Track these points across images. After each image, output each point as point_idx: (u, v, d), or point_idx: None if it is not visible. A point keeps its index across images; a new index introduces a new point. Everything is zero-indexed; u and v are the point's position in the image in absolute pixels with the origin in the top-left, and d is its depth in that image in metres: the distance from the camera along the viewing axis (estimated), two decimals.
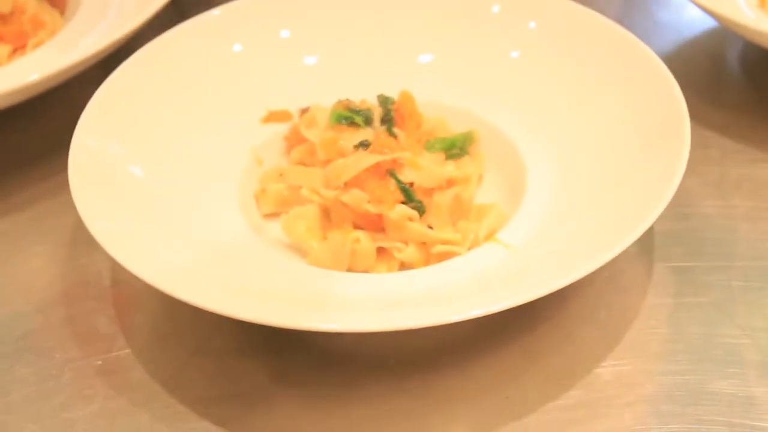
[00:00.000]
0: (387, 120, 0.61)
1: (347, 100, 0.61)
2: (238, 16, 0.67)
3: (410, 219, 0.56)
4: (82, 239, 0.61)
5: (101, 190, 0.56)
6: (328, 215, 0.58)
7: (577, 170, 0.58)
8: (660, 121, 0.57)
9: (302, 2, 0.68)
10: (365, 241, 0.56)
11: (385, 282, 0.54)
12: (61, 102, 0.72)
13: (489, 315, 0.48)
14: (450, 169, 0.59)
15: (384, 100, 0.62)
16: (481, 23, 0.66)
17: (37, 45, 0.73)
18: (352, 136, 0.59)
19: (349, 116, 0.60)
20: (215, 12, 0.68)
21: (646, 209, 0.51)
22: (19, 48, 0.73)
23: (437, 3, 0.67)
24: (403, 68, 0.65)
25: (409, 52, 0.66)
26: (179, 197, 0.58)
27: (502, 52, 0.65)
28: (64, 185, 0.60)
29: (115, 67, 0.64)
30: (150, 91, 0.63)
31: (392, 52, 0.66)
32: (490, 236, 0.56)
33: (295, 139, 0.63)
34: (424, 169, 0.58)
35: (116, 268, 0.59)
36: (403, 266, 0.56)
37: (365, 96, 0.62)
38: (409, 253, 0.56)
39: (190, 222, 0.57)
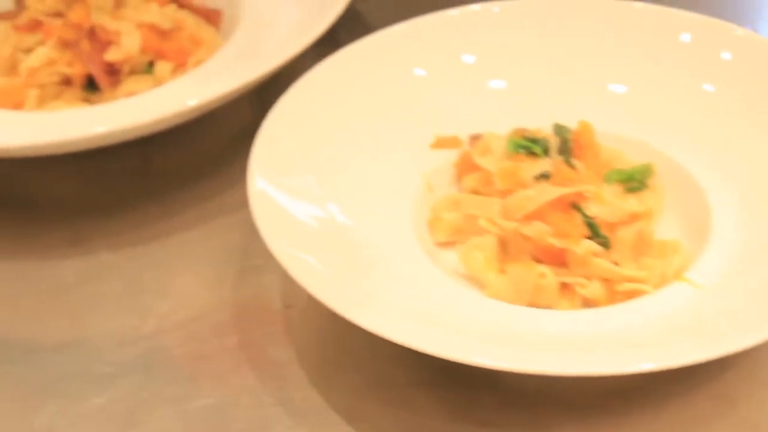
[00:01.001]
0: (564, 150, 0.59)
1: (524, 128, 0.60)
2: (417, 36, 0.66)
3: (595, 254, 0.55)
4: (250, 262, 0.61)
5: (279, 213, 0.56)
6: (504, 247, 0.57)
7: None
8: None
9: (484, 26, 0.67)
10: (550, 276, 0.54)
11: (574, 320, 0.52)
12: (220, 117, 0.71)
13: None
14: (633, 202, 0.57)
15: (560, 130, 0.60)
16: (669, 53, 0.64)
17: (197, 63, 0.72)
18: (530, 166, 0.58)
19: (528, 145, 0.59)
20: (396, 28, 0.66)
21: None
22: (180, 65, 0.73)
23: (625, 30, 0.65)
24: (579, 97, 0.64)
25: (592, 81, 0.64)
26: (354, 221, 0.57)
27: (692, 84, 0.63)
28: (230, 205, 0.61)
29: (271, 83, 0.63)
30: (323, 112, 0.62)
31: (571, 80, 0.64)
32: (678, 275, 0.54)
33: (465, 167, 0.62)
34: (608, 202, 0.56)
35: (287, 291, 0.58)
36: (585, 303, 0.55)
37: (537, 124, 0.61)
38: (594, 289, 0.54)
39: (366, 246, 0.56)
